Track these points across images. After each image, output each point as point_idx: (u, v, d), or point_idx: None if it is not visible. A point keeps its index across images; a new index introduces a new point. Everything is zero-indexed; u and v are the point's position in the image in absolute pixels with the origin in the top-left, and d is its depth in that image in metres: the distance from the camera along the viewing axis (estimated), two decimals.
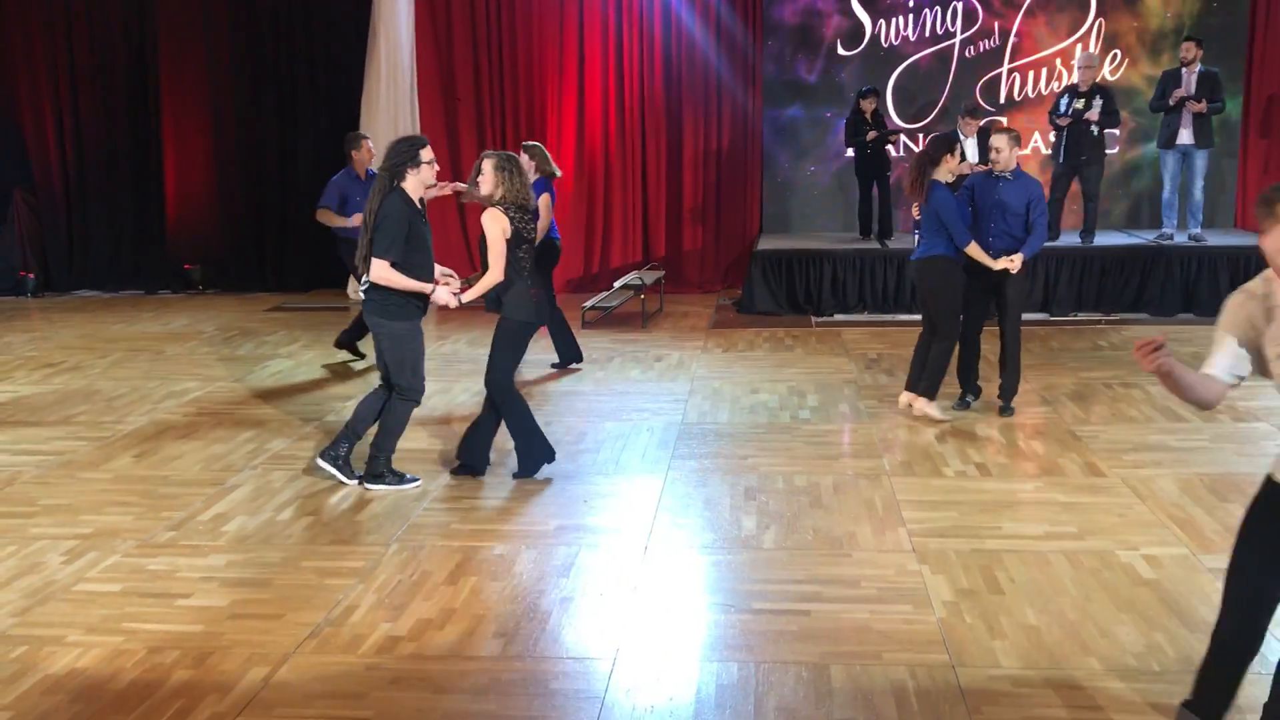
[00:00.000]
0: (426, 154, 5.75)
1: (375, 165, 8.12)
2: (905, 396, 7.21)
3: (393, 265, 5.62)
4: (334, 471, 5.95)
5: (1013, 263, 6.78)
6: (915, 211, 7.25)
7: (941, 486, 5.87)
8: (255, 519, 5.51)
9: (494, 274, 5.77)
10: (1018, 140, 7.04)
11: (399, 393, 5.85)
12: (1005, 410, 7.16)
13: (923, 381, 7.07)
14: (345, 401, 7.78)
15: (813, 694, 3.77)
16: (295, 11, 12.65)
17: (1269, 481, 3.06)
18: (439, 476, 6.12)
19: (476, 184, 5.91)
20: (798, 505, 5.60)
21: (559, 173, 8.44)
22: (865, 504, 5.60)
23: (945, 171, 6.88)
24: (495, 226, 5.74)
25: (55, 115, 13.14)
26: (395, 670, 3.97)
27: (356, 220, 8.36)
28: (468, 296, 5.85)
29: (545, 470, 6.11)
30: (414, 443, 6.69)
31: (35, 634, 4.28)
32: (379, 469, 5.91)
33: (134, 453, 6.66)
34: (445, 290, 5.82)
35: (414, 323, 5.80)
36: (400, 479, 5.93)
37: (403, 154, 5.69)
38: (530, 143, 8.32)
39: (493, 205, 5.80)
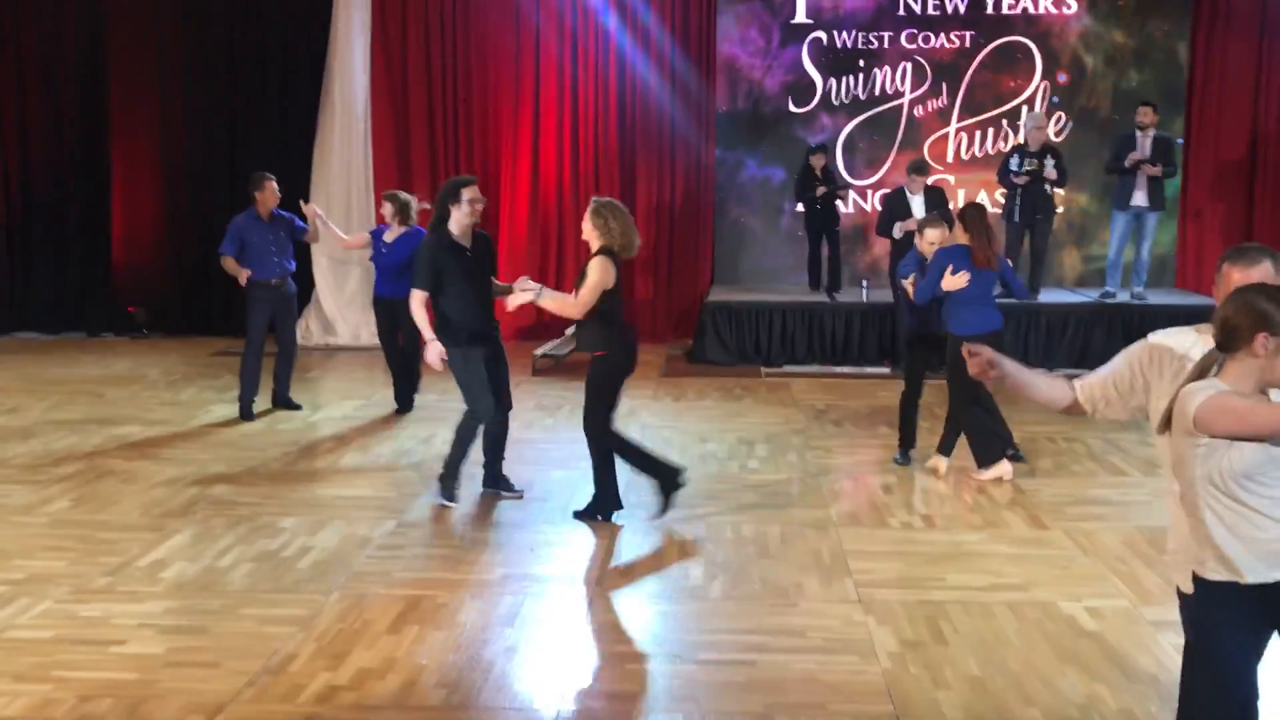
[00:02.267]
0: (469, 192, 6.14)
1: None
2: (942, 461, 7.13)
3: (429, 297, 6.11)
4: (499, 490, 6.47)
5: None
6: (959, 281, 6.69)
7: (888, 537, 5.90)
8: (195, 565, 5.40)
9: (573, 310, 6.10)
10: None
11: (467, 411, 6.30)
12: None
13: (975, 451, 6.98)
14: (286, 448, 7.69)
15: None
16: (250, 54, 12.63)
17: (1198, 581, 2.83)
18: (383, 523, 6.05)
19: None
20: (745, 555, 5.59)
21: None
22: (812, 554, 5.60)
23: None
24: (597, 273, 5.99)
25: (1, 154, 12.98)
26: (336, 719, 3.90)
27: (244, 277, 8.34)
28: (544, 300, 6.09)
29: (489, 520, 6.06)
30: (356, 489, 6.62)
31: None
32: (441, 474, 6.39)
33: (71, 497, 6.52)
34: (434, 350, 6.13)
35: (464, 349, 6.15)
36: (450, 495, 6.36)
37: (445, 191, 6.18)
38: (391, 191, 8.52)
39: (600, 253, 6.03)
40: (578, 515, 6.17)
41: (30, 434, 8.07)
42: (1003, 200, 11.02)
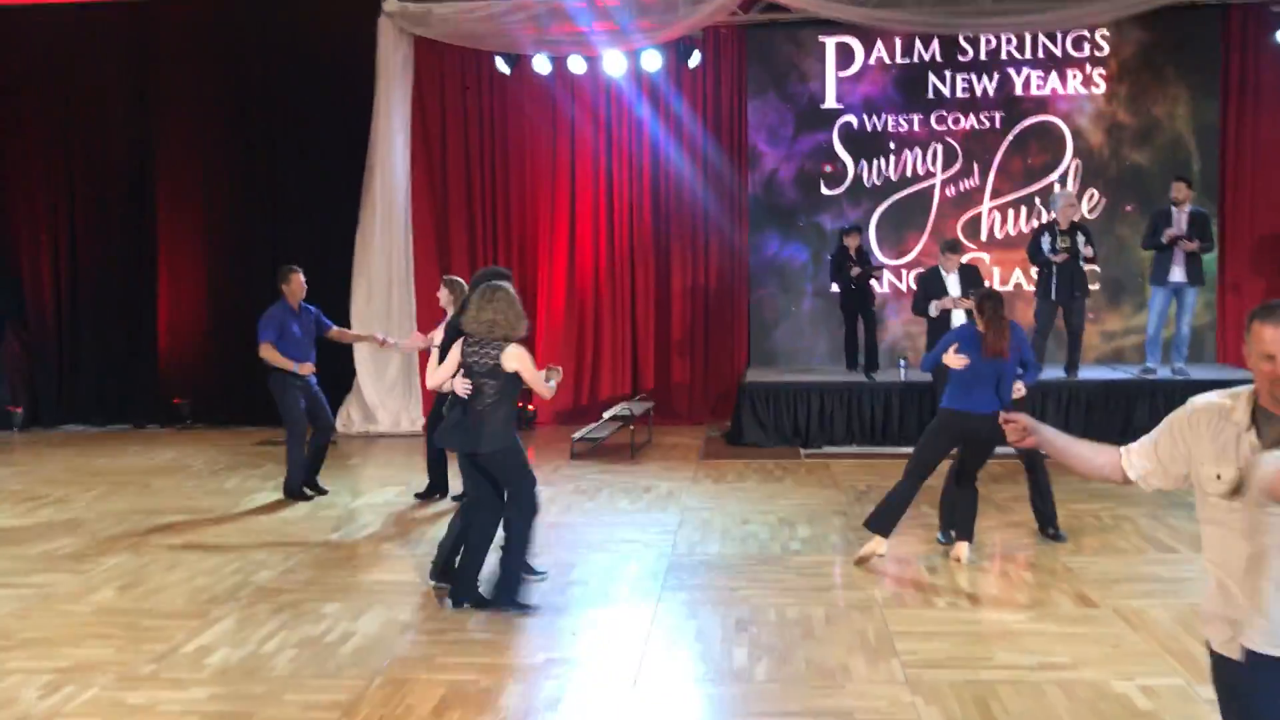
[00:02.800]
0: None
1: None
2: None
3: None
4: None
5: (1020, 392, 6.86)
6: (959, 361, 6.70)
7: (933, 617, 5.82)
8: (239, 651, 5.42)
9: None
10: None
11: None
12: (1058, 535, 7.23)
13: (961, 527, 6.95)
14: (328, 534, 7.74)
15: None
16: (292, 151, 12.94)
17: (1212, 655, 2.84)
18: (424, 608, 6.04)
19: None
20: (790, 637, 5.54)
21: None
22: (858, 635, 5.54)
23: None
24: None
25: (51, 249, 13.32)
26: None
27: (306, 369, 8.47)
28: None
29: (535, 602, 6.05)
30: (398, 574, 6.64)
31: None
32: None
33: (117, 585, 6.58)
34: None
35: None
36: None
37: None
38: (450, 276, 8.63)
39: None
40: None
41: (77, 524, 8.16)
42: (1035, 277, 11.02)
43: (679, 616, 5.90)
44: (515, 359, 5.91)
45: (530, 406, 12.47)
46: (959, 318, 9.53)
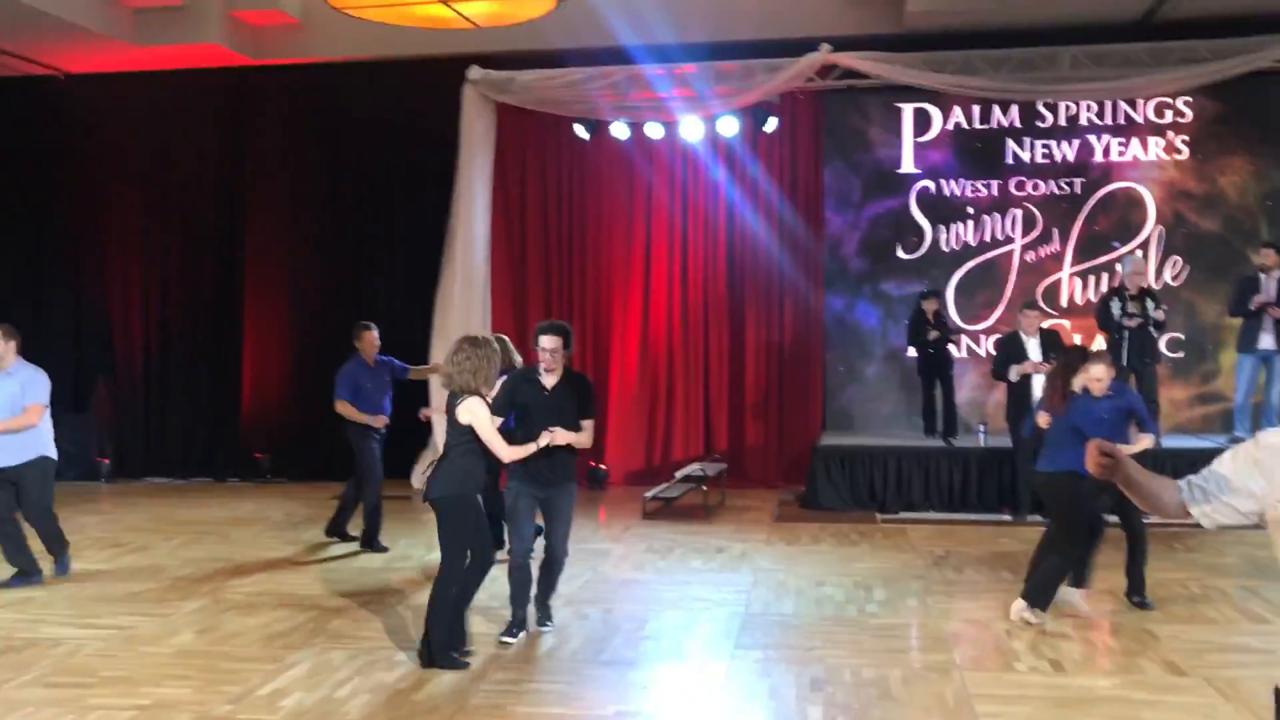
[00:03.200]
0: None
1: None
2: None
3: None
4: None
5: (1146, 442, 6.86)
6: (1044, 420, 7.00)
7: (1014, 681, 5.67)
8: (312, 695, 5.45)
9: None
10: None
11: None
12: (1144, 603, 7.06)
13: (1031, 586, 6.81)
14: (402, 585, 7.78)
15: None
16: (378, 211, 13.27)
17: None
18: (497, 658, 6.04)
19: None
20: (866, 697, 5.43)
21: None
22: (936, 698, 5.41)
23: (1079, 382, 6.88)
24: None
25: (143, 304, 13.74)
26: None
27: (379, 422, 8.65)
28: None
29: (606, 655, 6.01)
30: (479, 626, 6.65)
31: None
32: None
33: (196, 629, 6.67)
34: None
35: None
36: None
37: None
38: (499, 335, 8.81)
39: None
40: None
41: (159, 570, 8.31)
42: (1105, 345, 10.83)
43: (752, 674, 5.82)
44: (467, 412, 5.90)
45: (603, 465, 12.50)
46: (1040, 383, 9.38)
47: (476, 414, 5.89)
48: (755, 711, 5.26)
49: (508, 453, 6.02)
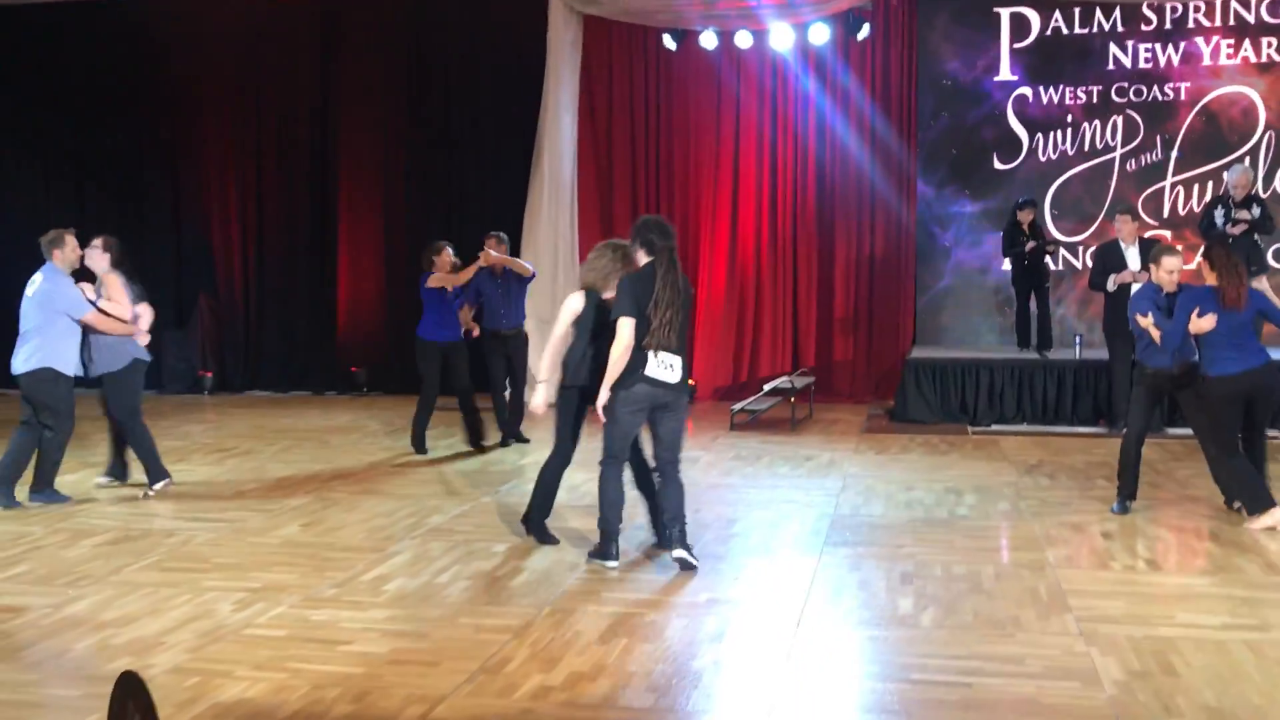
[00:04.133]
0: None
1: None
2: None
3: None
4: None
5: None
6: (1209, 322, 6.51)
7: (1109, 578, 5.63)
8: (415, 581, 5.63)
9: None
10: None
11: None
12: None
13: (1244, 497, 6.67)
14: (498, 485, 7.96)
15: None
16: (466, 129, 13.35)
17: None
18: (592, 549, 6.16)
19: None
20: (957, 590, 5.44)
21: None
22: (1028, 591, 5.40)
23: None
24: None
25: (241, 225, 14.07)
26: (550, 714, 3.97)
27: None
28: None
29: (697, 550, 6.09)
30: (573, 523, 6.79)
31: (206, 668, 4.43)
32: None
33: (301, 522, 6.92)
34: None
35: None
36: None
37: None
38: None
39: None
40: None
41: (262, 471, 8.61)
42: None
43: (842, 568, 5.87)
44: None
45: (692, 381, 12.54)
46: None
47: (563, 307, 6.16)
48: (846, 601, 5.31)
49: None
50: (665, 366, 5.73)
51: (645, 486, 6.31)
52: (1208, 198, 11.63)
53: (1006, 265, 11.52)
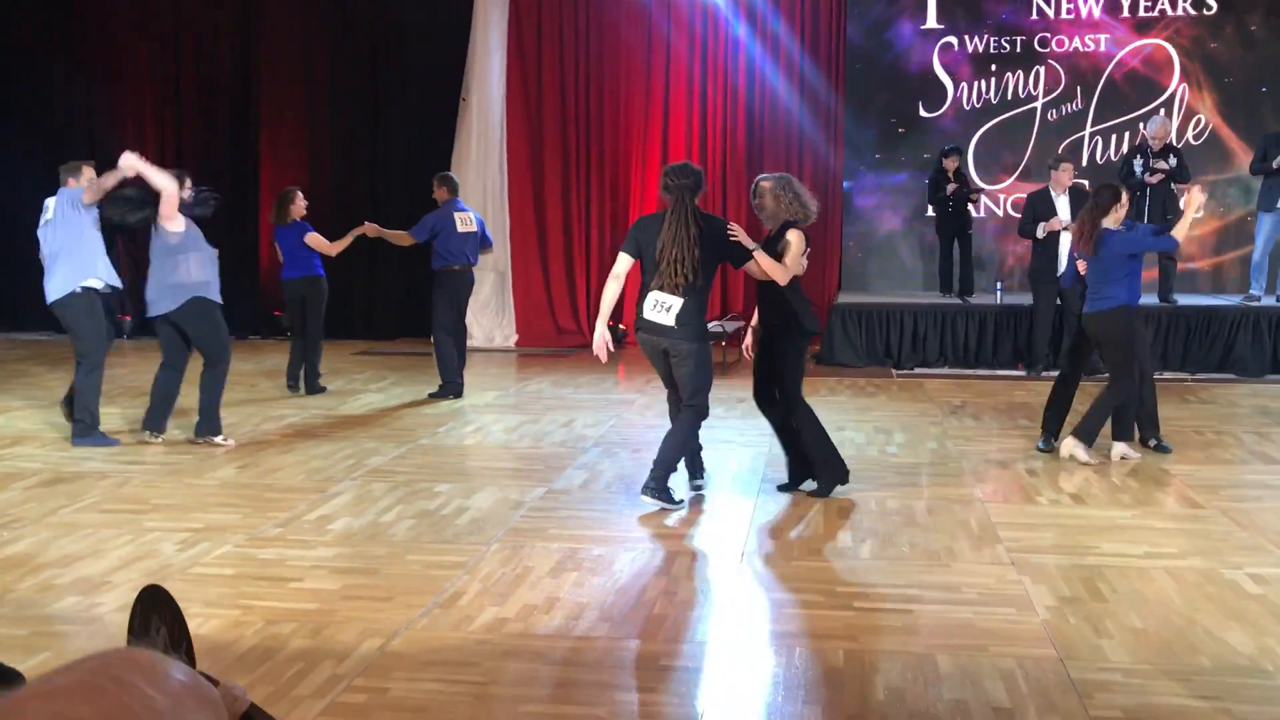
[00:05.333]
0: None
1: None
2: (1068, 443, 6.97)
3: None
4: (657, 501, 5.83)
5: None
6: (1083, 267, 7.03)
7: (1036, 512, 5.86)
8: (359, 520, 5.64)
9: (781, 276, 6.04)
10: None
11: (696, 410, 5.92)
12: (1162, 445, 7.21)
13: (1082, 423, 6.95)
14: (433, 428, 7.97)
15: (921, 678, 3.78)
16: (391, 73, 13.14)
17: None
18: (532, 490, 6.23)
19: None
20: (892, 524, 5.62)
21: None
22: (960, 524, 5.60)
23: (1113, 221, 6.89)
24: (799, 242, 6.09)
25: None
26: (505, 645, 4.04)
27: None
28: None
29: (635, 490, 6.18)
30: (512, 463, 6.83)
31: None
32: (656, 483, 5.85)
33: (237, 464, 6.86)
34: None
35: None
36: (669, 498, 5.85)
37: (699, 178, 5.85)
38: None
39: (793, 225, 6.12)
40: (815, 495, 6.05)
41: (192, 414, 8.46)
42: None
43: (781, 504, 6.01)
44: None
45: (621, 326, 12.62)
46: (1067, 240, 9.41)
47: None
48: (786, 535, 5.46)
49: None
50: (662, 308, 5.68)
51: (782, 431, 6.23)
52: (1124, 148, 11.95)
53: (930, 211, 11.73)
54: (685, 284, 5.69)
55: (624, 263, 5.85)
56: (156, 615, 1.58)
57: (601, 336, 5.92)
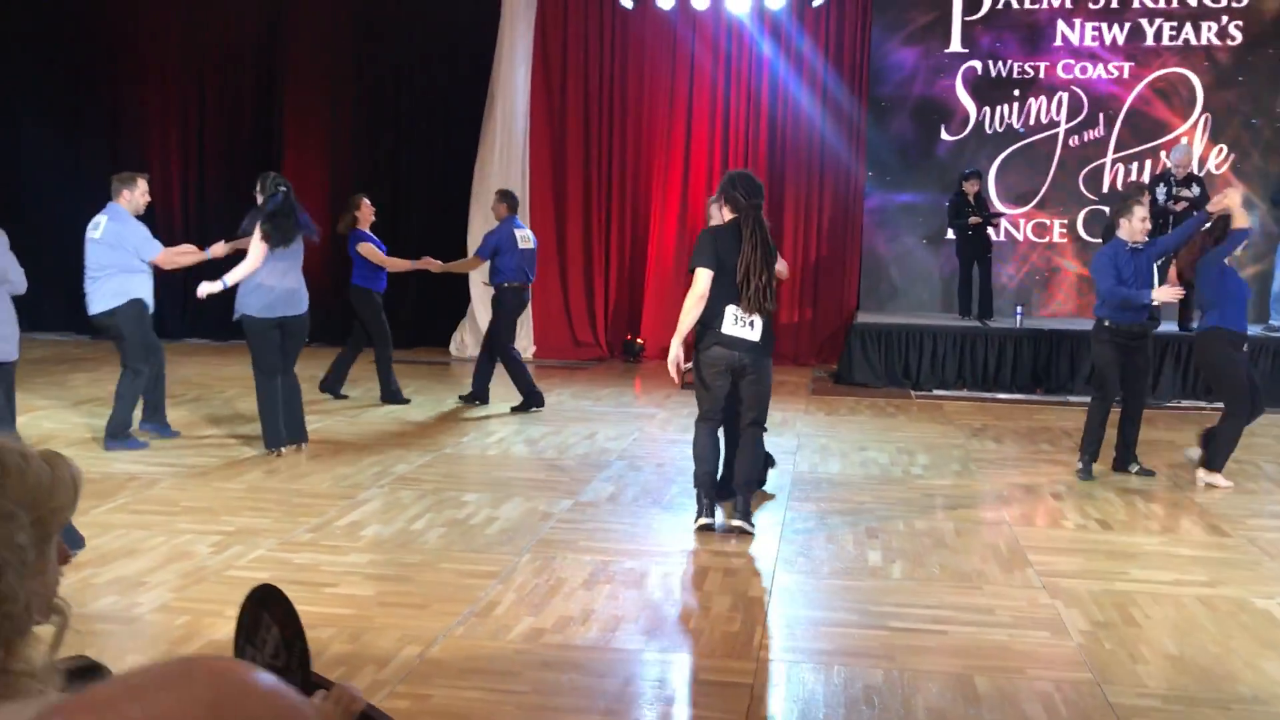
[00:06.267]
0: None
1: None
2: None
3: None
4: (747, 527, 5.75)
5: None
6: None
7: (1064, 536, 5.87)
8: (389, 527, 5.67)
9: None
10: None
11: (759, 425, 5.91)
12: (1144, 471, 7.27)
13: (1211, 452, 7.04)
14: (458, 438, 7.99)
15: (960, 699, 3.79)
16: (416, 81, 13.20)
17: None
18: (560, 501, 6.24)
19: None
20: (921, 545, 5.63)
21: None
22: (989, 547, 5.61)
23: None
24: None
25: (182, 171, 13.77)
26: (545, 656, 4.06)
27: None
28: None
29: (665, 502, 6.20)
30: (538, 474, 6.86)
31: (194, 607, 4.44)
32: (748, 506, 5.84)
33: (264, 469, 6.89)
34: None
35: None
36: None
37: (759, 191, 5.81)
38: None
39: None
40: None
41: (216, 419, 8.52)
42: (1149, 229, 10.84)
43: (809, 522, 6.03)
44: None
45: (639, 340, 12.65)
46: None
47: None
48: (816, 553, 5.47)
49: None
50: (745, 324, 5.60)
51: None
52: (1145, 174, 11.98)
53: (951, 235, 11.76)
54: (771, 304, 5.67)
55: (708, 279, 5.59)
56: (267, 613, 1.60)
57: (677, 356, 5.75)
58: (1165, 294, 7.04)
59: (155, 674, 0.99)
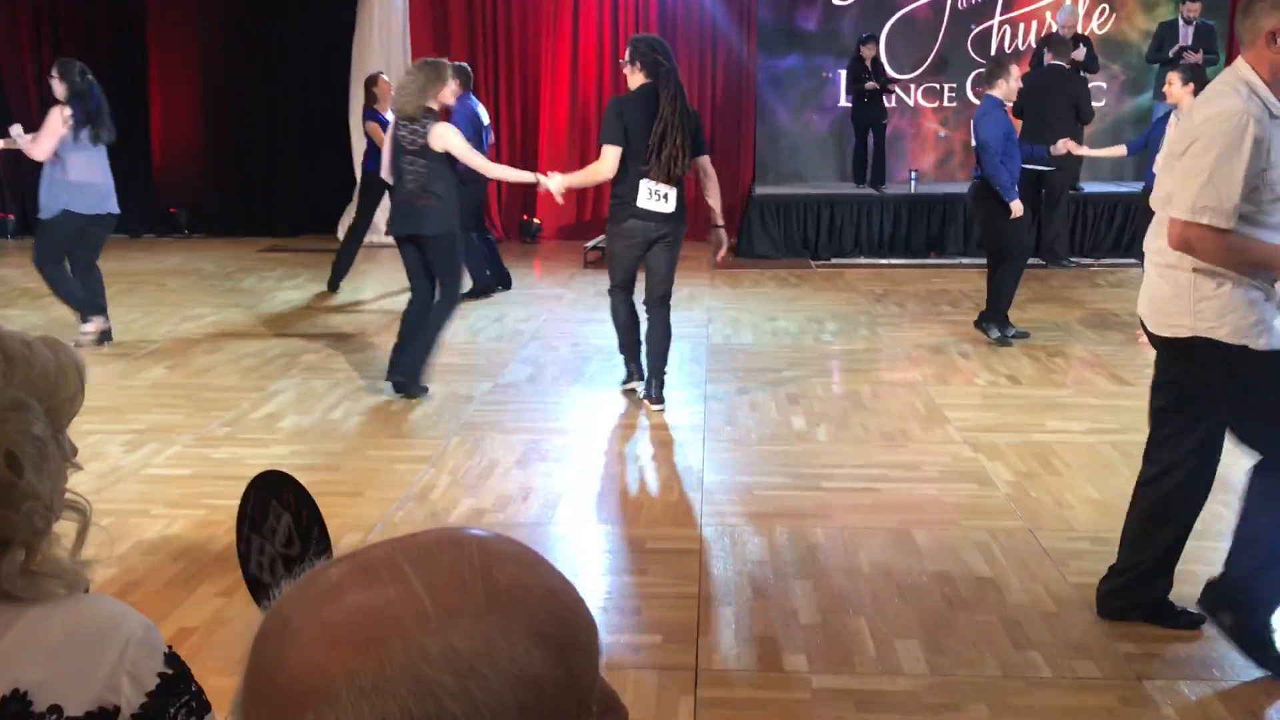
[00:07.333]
0: None
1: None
2: None
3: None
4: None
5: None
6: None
7: (978, 393, 6.02)
8: (308, 417, 5.53)
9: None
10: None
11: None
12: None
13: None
14: (363, 326, 7.80)
15: (902, 551, 3.89)
16: None
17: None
18: (480, 384, 6.16)
19: None
20: (842, 408, 5.72)
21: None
22: (908, 407, 5.73)
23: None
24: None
25: (34, 53, 12.92)
26: None
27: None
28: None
29: (585, 379, 6.17)
30: (453, 359, 6.75)
31: (117, 508, 4.28)
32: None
33: (165, 364, 6.63)
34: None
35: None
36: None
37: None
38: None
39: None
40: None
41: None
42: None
43: (731, 392, 6.07)
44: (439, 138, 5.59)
45: (536, 220, 12.46)
46: None
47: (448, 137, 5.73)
48: (743, 420, 5.52)
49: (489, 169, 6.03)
50: (659, 197, 5.48)
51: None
52: (1032, 36, 12.08)
53: (845, 102, 11.74)
54: (679, 174, 5.54)
55: (616, 156, 5.40)
56: (277, 501, 1.52)
57: (566, 184, 5.83)
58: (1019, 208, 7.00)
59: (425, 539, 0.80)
